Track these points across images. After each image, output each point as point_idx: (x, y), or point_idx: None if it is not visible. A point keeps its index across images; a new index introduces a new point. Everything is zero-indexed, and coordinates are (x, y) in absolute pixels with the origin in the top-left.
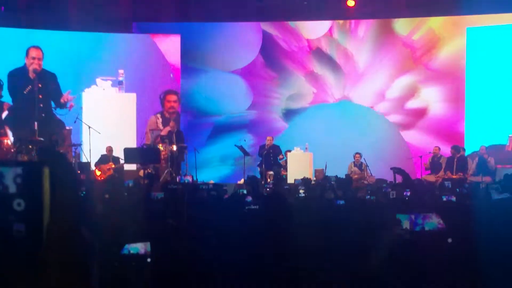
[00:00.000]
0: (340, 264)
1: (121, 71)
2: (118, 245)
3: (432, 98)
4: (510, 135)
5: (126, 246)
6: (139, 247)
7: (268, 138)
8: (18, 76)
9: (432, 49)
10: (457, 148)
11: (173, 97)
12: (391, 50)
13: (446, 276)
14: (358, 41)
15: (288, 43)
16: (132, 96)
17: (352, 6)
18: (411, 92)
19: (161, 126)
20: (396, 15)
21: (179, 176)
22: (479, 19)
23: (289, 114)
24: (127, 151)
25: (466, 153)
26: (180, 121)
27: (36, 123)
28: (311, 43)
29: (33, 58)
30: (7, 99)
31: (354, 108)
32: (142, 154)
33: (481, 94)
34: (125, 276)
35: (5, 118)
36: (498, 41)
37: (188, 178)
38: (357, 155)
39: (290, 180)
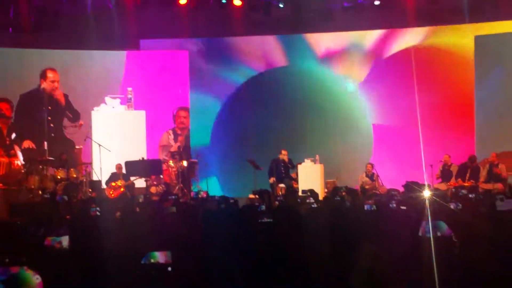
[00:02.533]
0: None
1: (129, 88)
2: (136, 256)
3: (443, 107)
4: None
5: (147, 254)
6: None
7: (283, 152)
8: (31, 98)
9: (440, 58)
10: (472, 159)
11: (183, 113)
12: (400, 61)
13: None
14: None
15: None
16: (141, 114)
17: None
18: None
19: (172, 143)
20: (403, 25)
21: (193, 192)
22: (486, 27)
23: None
24: (128, 164)
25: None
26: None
27: (45, 143)
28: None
29: (52, 82)
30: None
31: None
32: (143, 166)
33: (490, 101)
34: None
35: (14, 138)
36: (506, 47)
37: (203, 194)
38: (369, 166)
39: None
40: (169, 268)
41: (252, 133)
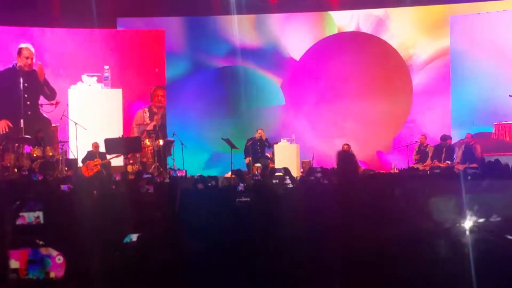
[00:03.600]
0: None
1: (106, 67)
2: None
3: (418, 88)
4: (495, 123)
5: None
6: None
7: (259, 130)
8: (6, 76)
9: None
10: (445, 137)
11: (161, 92)
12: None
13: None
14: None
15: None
16: (118, 92)
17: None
18: (399, 80)
19: (147, 121)
20: (382, 5)
21: (171, 170)
22: (461, 8)
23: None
24: (107, 141)
25: (453, 141)
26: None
27: (22, 120)
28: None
29: (27, 58)
30: None
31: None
32: (123, 143)
33: (466, 82)
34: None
35: None
36: (481, 28)
37: (180, 173)
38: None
39: None
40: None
41: (229, 112)
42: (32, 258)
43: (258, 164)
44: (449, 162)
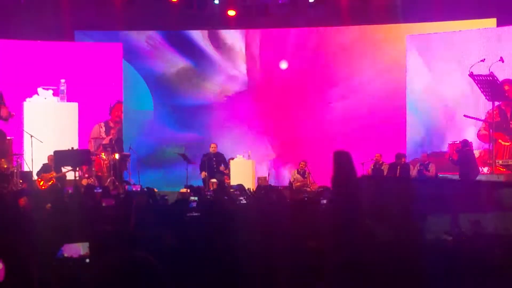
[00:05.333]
0: None
1: (62, 80)
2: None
3: (375, 106)
4: (449, 143)
5: (64, 246)
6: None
7: (212, 145)
8: None
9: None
10: (399, 156)
11: (120, 107)
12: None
13: None
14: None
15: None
16: (74, 106)
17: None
18: (356, 98)
19: (104, 135)
20: (338, 23)
21: (127, 185)
22: (417, 27)
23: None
24: (57, 154)
25: (408, 160)
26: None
27: None
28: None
29: None
30: None
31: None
32: (72, 156)
33: (421, 101)
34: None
35: None
36: (437, 47)
37: (136, 187)
38: (302, 163)
39: None
40: (87, 260)
41: (186, 127)
42: None
43: (214, 180)
44: None
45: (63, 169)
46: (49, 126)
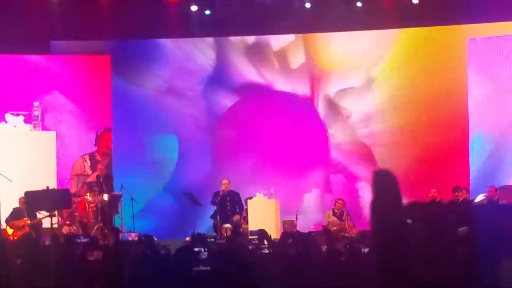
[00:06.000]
0: None
1: (36, 103)
2: None
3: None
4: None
5: None
6: None
7: (224, 181)
8: None
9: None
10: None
11: (109, 136)
12: None
13: None
14: None
15: None
16: (51, 135)
17: None
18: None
19: (89, 171)
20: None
21: (121, 234)
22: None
23: None
24: (28, 195)
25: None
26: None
27: None
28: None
29: None
30: None
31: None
32: (47, 197)
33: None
34: None
35: None
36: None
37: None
38: (339, 202)
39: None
40: None
41: (192, 160)
42: None
43: (228, 225)
44: None
45: (38, 215)
46: (20, 161)
